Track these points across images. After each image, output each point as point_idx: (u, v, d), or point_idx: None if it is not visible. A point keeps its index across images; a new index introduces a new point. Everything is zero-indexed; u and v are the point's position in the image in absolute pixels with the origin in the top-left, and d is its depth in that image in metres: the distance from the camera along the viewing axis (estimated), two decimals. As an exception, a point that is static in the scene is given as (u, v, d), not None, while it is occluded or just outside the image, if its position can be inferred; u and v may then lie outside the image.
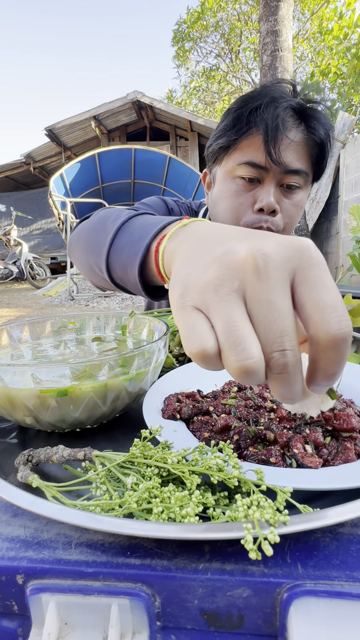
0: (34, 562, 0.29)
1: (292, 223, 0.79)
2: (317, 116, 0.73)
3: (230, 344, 0.23)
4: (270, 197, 0.72)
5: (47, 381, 0.43)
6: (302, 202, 0.78)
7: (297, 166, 0.73)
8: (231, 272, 0.24)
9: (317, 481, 0.32)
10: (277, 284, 0.23)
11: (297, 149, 0.72)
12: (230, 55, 11.86)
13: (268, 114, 0.69)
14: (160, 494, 0.30)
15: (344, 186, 4.82)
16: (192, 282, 0.26)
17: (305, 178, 0.75)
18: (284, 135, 0.70)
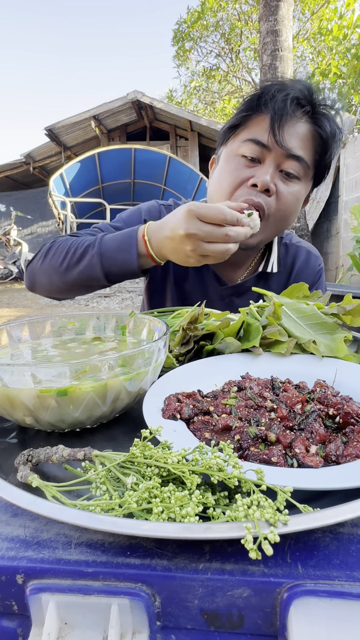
0: (33, 562, 0.29)
1: (287, 212, 0.78)
2: (327, 115, 0.75)
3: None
4: (267, 176, 0.73)
5: (46, 381, 0.43)
6: (299, 194, 0.78)
7: (298, 152, 0.74)
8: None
9: (317, 481, 0.32)
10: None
11: (301, 138, 0.74)
12: (231, 55, 11.86)
13: (279, 95, 0.72)
14: (160, 493, 0.30)
15: (344, 186, 4.82)
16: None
17: (305, 169, 0.76)
18: (291, 118, 0.73)
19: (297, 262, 0.96)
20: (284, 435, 0.39)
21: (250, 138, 0.75)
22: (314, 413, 0.41)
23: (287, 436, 0.38)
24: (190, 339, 0.62)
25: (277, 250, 0.94)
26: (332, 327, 0.60)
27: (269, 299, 0.67)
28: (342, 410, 0.40)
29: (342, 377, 0.51)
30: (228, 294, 0.94)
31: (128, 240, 0.74)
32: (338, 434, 0.40)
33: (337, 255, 4.99)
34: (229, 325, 0.62)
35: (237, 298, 0.94)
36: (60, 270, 0.79)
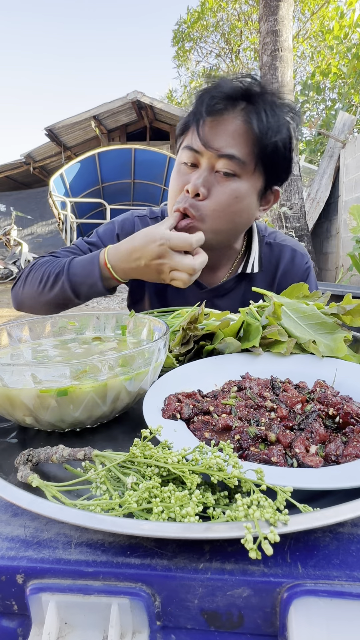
0: (33, 561, 0.29)
1: (226, 211, 0.76)
2: (263, 107, 0.73)
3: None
4: (196, 180, 0.74)
5: (47, 381, 0.43)
6: (237, 192, 0.75)
7: (229, 151, 0.73)
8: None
9: (317, 480, 0.32)
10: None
11: (232, 135, 0.73)
12: (231, 55, 11.86)
13: (206, 96, 0.73)
14: (160, 493, 0.30)
15: (344, 186, 4.82)
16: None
17: (241, 165, 0.74)
18: (213, 117, 0.72)
19: (281, 261, 0.94)
20: (284, 435, 0.39)
21: (185, 145, 0.77)
22: (314, 413, 0.41)
23: (287, 436, 0.38)
24: (190, 339, 0.62)
25: (259, 250, 0.93)
26: (332, 327, 0.60)
27: (268, 299, 0.67)
28: (342, 410, 0.41)
29: (342, 377, 0.51)
30: (209, 296, 0.93)
31: (90, 267, 0.79)
32: (338, 434, 0.40)
33: (337, 255, 4.99)
34: (229, 325, 0.62)
35: (218, 300, 0.93)
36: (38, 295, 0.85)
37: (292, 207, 4.86)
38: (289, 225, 4.85)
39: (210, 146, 0.72)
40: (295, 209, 4.88)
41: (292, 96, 4.94)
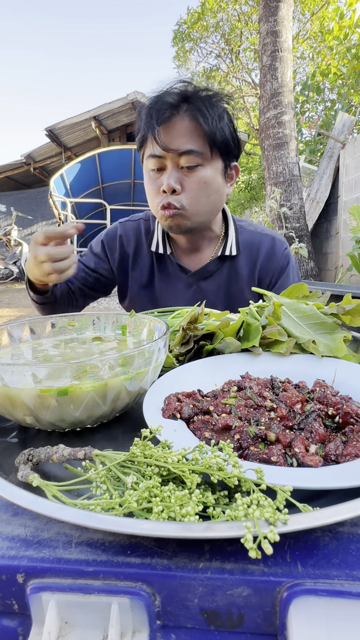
0: (34, 561, 0.29)
1: (199, 199, 0.88)
2: (200, 100, 0.83)
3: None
4: (169, 180, 0.84)
5: (47, 380, 0.43)
6: (204, 179, 0.86)
7: (187, 147, 0.83)
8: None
9: (317, 480, 0.32)
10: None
11: (185, 133, 0.83)
12: (231, 55, 11.87)
13: (153, 109, 0.83)
14: (160, 493, 0.30)
15: (343, 186, 4.82)
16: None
17: (201, 155, 0.84)
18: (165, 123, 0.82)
19: (262, 248, 1.02)
20: (284, 434, 0.39)
21: (149, 154, 0.87)
22: (314, 413, 0.41)
23: (287, 435, 0.39)
24: (190, 338, 0.62)
25: (235, 235, 1.02)
26: (332, 327, 0.60)
27: (268, 299, 0.67)
28: (342, 410, 0.41)
29: (342, 377, 0.51)
30: (194, 280, 1.02)
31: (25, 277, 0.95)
32: (337, 434, 0.40)
33: (337, 255, 4.99)
34: (229, 325, 0.62)
35: (203, 282, 1.02)
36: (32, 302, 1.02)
37: (292, 208, 4.86)
38: (288, 226, 4.85)
39: (170, 148, 0.83)
40: (295, 209, 4.89)
41: (292, 97, 4.93)
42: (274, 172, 4.95)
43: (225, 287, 1.02)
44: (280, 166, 4.89)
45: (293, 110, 4.90)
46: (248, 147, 12.40)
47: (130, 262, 1.06)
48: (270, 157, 4.96)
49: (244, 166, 13.79)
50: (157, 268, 1.04)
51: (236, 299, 1.02)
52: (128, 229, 1.06)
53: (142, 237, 1.05)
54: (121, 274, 1.08)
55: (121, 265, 1.06)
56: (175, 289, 1.03)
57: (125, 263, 1.06)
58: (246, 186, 14.58)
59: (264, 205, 12.06)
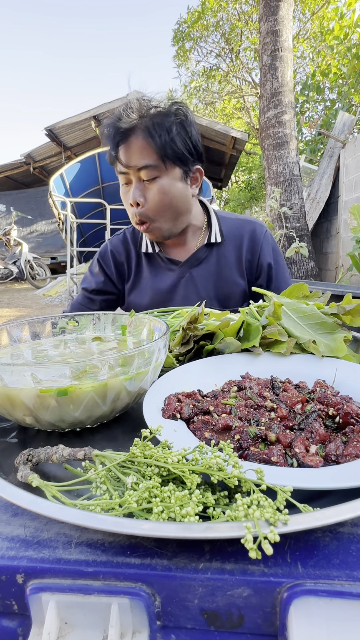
0: (34, 561, 0.29)
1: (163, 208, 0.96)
2: (146, 118, 0.90)
3: None
4: (133, 194, 0.94)
5: (47, 381, 0.43)
6: (163, 189, 0.94)
7: (143, 163, 0.91)
8: None
9: (317, 480, 0.32)
10: None
11: (139, 150, 0.91)
12: (231, 55, 11.85)
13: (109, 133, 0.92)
14: (160, 493, 0.30)
15: (344, 186, 4.82)
16: None
17: (157, 169, 0.92)
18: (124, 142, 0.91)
19: (245, 234, 1.09)
20: (284, 435, 0.39)
21: (118, 171, 0.95)
22: (314, 413, 0.41)
23: (287, 436, 0.38)
24: (190, 338, 0.62)
25: (218, 224, 1.09)
26: (332, 327, 0.60)
27: (268, 298, 0.67)
28: (342, 410, 0.41)
29: (342, 377, 0.51)
30: (186, 268, 1.07)
31: None
32: (338, 434, 0.40)
33: (337, 255, 4.99)
34: (229, 325, 0.62)
35: (194, 269, 1.07)
36: None
37: (292, 207, 4.86)
38: (289, 225, 4.85)
39: (130, 165, 0.92)
40: (295, 209, 4.88)
41: (292, 96, 4.93)
42: (274, 171, 4.95)
43: (215, 274, 1.08)
44: (280, 166, 4.89)
45: (293, 109, 4.90)
46: (248, 147, 12.39)
47: (126, 269, 1.13)
48: (270, 156, 4.96)
49: (244, 166, 13.78)
50: (149, 267, 1.10)
51: (226, 284, 1.08)
52: (115, 243, 1.14)
53: (129, 244, 1.12)
54: (121, 283, 1.15)
55: (119, 276, 1.14)
56: (168, 281, 1.08)
57: (122, 272, 1.14)
58: (246, 186, 14.57)
59: (264, 205, 12.06)
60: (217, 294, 1.07)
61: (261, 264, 1.08)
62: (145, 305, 1.10)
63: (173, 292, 1.07)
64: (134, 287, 1.12)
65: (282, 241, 4.84)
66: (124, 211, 1.11)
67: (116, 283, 1.14)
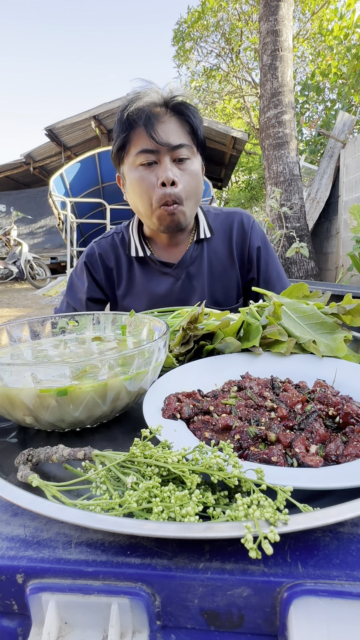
0: (33, 561, 0.29)
1: (192, 191, 0.94)
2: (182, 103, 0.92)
3: None
4: (167, 172, 0.89)
5: (46, 381, 0.43)
6: (195, 169, 0.95)
7: (179, 141, 0.91)
8: None
9: (317, 480, 0.32)
10: None
11: (174, 129, 0.91)
12: (231, 55, 11.85)
13: (141, 110, 0.89)
14: (160, 493, 0.30)
15: (344, 186, 4.82)
16: None
17: (190, 149, 0.93)
18: (158, 121, 0.89)
19: (233, 226, 1.10)
20: (284, 434, 0.39)
21: (140, 150, 0.91)
22: (314, 413, 0.41)
23: (287, 436, 0.38)
24: (190, 338, 0.62)
25: (205, 219, 1.09)
26: (332, 326, 0.60)
27: (269, 298, 0.67)
28: (342, 410, 0.41)
29: (342, 377, 0.51)
30: (181, 270, 1.05)
31: None
32: (338, 434, 0.40)
33: (337, 255, 4.99)
34: (229, 325, 0.62)
35: (190, 267, 1.06)
36: None
37: (292, 207, 4.86)
38: (289, 225, 4.85)
39: (165, 142, 0.89)
40: (295, 209, 4.88)
41: (292, 96, 4.93)
42: (274, 171, 4.95)
43: (209, 270, 1.07)
44: (280, 166, 4.89)
45: (293, 109, 4.90)
46: (248, 147, 12.39)
47: (115, 276, 1.10)
48: (270, 156, 4.96)
49: (244, 166, 13.78)
50: (142, 271, 1.07)
51: (220, 277, 1.07)
52: (104, 245, 1.10)
53: (118, 249, 1.09)
54: (110, 290, 1.12)
55: (108, 282, 1.10)
56: (164, 286, 1.06)
57: (111, 278, 1.10)
58: (246, 186, 14.57)
59: (264, 205, 12.05)
60: (213, 290, 1.07)
61: (251, 250, 1.08)
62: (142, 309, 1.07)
63: (170, 295, 1.05)
64: (127, 293, 1.09)
65: (282, 241, 4.84)
66: (124, 211, 1.10)
67: (104, 289, 1.10)
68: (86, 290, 1.08)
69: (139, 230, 1.07)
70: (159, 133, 0.89)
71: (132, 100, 0.91)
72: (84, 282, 1.09)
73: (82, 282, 1.10)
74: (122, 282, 1.09)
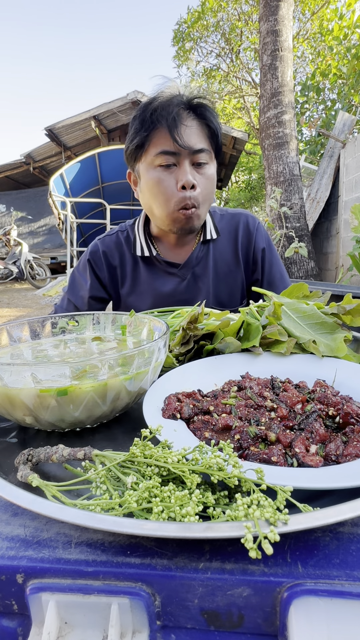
0: (34, 561, 0.29)
1: (209, 194, 0.95)
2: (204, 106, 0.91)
3: None
4: (188, 175, 0.89)
5: (46, 380, 0.43)
6: (212, 175, 0.95)
7: (200, 146, 0.90)
8: None
9: (317, 480, 0.32)
10: None
11: (195, 133, 0.90)
12: (231, 55, 11.85)
13: (165, 111, 0.87)
14: (160, 493, 0.30)
15: (344, 186, 4.82)
16: None
17: (209, 154, 0.93)
18: (182, 124, 0.87)
19: (239, 227, 1.10)
20: (284, 434, 0.39)
21: (160, 151, 0.89)
22: (314, 413, 0.41)
23: (287, 436, 0.38)
24: (190, 338, 0.62)
25: (212, 220, 1.09)
26: (332, 326, 0.60)
27: (268, 298, 0.67)
28: (342, 410, 0.41)
29: (342, 377, 0.51)
30: (187, 270, 1.05)
31: None
32: (338, 434, 0.40)
33: (337, 255, 4.98)
34: (229, 325, 0.62)
35: (195, 269, 1.06)
36: None
37: (292, 207, 4.86)
38: (289, 225, 4.85)
39: (187, 145, 0.88)
40: (295, 209, 4.88)
41: (292, 96, 4.93)
42: (274, 171, 4.95)
43: (214, 271, 1.07)
44: (280, 166, 4.89)
45: (293, 109, 4.90)
46: (248, 147, 12.39)
47: (119, 274, 1.08)
48: (270, 156, 4.95)
49: (244, 166, 13.78)
50: (147, 271, 1.07)
51: (226, 279, 1.07)
52: (108, 243, 1.09)
53: (123, 247, 1.08)
54: (113, 289, 1.10)
55: (112, 280, 1.09)
56: (170, 286, 1.05)
57: (114, 277, 1.09)
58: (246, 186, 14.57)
59: (264, 205, 12.06)
60: (217, 291, 1.06)
61: (256, 251, 1.08)
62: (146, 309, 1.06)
63: (175, 295, 1.05)
64: (132, 292, 1.09)
65: (282, 241, 4.84)
66: (124, 211, 1.10)
67: (107, 287, 1.09)
68: (89, 289, 1.07)
69: (145, 230, 1.06)
70: (182, 136, 0.88)
71: (155, 98, 0.90)
72: (86, 280, 1.08)
73: (84, 279, 1.09)
74: (126, 280, 1.08)
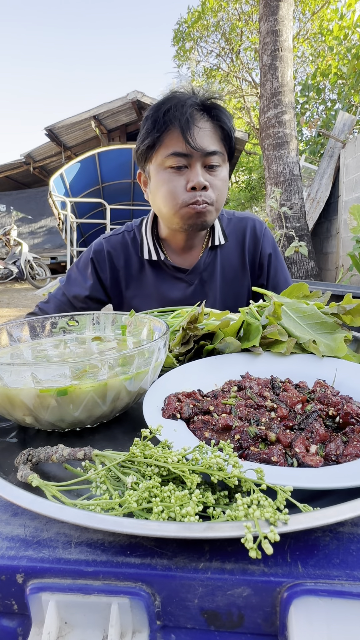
0: (33, 561, 0.29)
1: (222, 196, 0.94)
2: (218, 107, 0.90)
3: None
4: (199, 177, 0.88)
5: (46, 380, 0.43)
6: (225, 177, 0.95)
7: (212, 148, 0.89)
8: None
9: (317, 480, 0.32)
10: None
11: (209, 135, 0.89)
12: (231, 55, 11.85)
13: (178, 112, 0.86)
14: (160, 493, 0.30)
15: (344, 186, 4.82)
16: None
17: (222, 157, 0.92)
18: (195, 125, 0.86)
19: (247, 232, 1.10)
20: (284, 434, 0.39)
21: (171, 152, 0.88)
22: (314, 413, 0.41)
23: (287, 436, 0.38)
24: (190, 338, 0.62)
25: (220, 225, 1.08)
26: (332, 326, 0.60)
27: (269, 298, 0.67)
28: (342, 410, 0.41)
29: (342, 377, 0.51)
30: (194, 276, 1.04)
31: None
32: (338, 434, 0.40)
33: (337, 255, 4.98)
34: (229, 325, 0.62)
35: (203, 273, 1.05)
36: None
37: (292, 207, 4.86)
38: (289, 225, 4.85)
39: (200, 147, 0.87)
40: (295, 209, 4.88)
41: (292, 96, 4.93)
42: (274, 171, 4.95)
43: (221, 276, 1.06)
44: (280, 166, 4.89)
45: (293, 109, 4.90)
46: (248, 147, 12.39)
47: (124, 277, 1.05)
48: (270, 156, 4.95)
49: (244, 166, 13.78)
50: (154, 275, 1.05)
51: (233, 284, 1.07)
52: (114, 243, 1.06)
53: (129, 248, 1.05)
54: (114, 291, 1.07)
55: (114, 282, 1.06)
56: (178, 292, 1.04)
57: (117, 279, 1.06)
58: (246, 186, 14.56)
59: (264, 205, 12.06)
60: (225, 296, 1.05)
61: (262, 256, 1.07)
62: None
63: (182, 300, 1.03)
64: (137, 294, 1.06)
65: (282, 241, 4.84)
66: (124, 211, 1.09)
67: (108, 289, 1.06)
68: (88, 288, 1.04)
69: (153, 232, 1.04)
70: (195, 137, 0.86)
71: (169, 98, 0.88)
72: (86, 279, 1.05)
73: (84, 277, 1.06)
74: (131, 283, 1.06)
